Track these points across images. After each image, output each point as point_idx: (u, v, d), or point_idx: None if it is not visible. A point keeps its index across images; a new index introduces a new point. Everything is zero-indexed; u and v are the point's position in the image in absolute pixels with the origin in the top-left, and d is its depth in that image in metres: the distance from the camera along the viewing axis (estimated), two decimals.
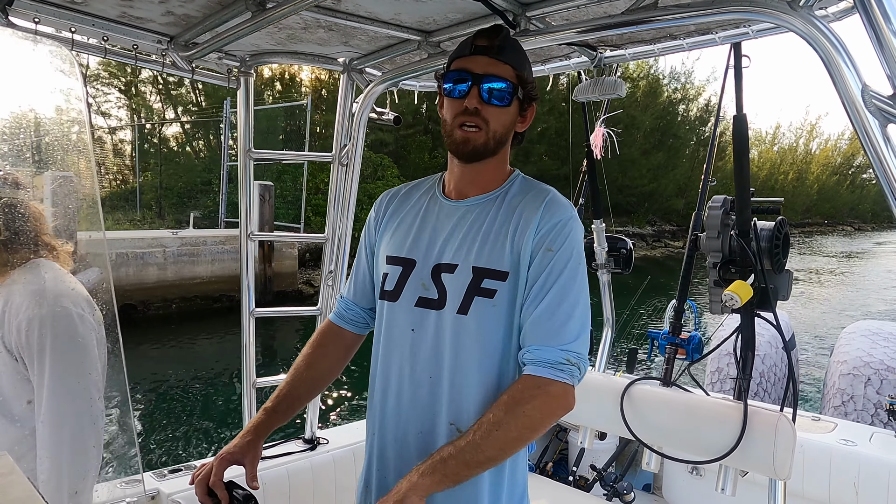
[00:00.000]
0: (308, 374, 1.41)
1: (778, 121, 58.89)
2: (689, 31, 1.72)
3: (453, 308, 1.22)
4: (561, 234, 1.20)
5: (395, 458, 1.27)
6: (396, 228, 1.36)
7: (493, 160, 1.28)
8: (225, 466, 1.25)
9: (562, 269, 1.19)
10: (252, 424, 1.33)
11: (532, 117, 1.31)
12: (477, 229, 1.25)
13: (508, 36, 1.27)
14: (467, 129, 1.22)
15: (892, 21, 1.01)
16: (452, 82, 1.24)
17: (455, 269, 1.23)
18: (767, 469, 1.80)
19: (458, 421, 1.21)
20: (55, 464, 1.31)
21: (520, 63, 1.26)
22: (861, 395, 3.59)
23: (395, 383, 1.28)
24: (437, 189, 1.36)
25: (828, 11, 1.35)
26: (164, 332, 10.60)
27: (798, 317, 14.27)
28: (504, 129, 1.26)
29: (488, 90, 1.21)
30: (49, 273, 1.39)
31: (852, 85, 1.08)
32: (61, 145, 1.40)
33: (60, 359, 1.32)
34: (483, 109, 1.22)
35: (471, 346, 1.20)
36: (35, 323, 1.31)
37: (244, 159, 2.21)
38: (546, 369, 1.15)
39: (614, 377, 2.43)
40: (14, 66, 1.47)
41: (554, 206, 1.23)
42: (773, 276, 1.98)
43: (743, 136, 1.97)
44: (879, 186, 1.07)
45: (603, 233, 2.94)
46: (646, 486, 3.15)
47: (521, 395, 1.13)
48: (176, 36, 1.86)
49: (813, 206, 51.19)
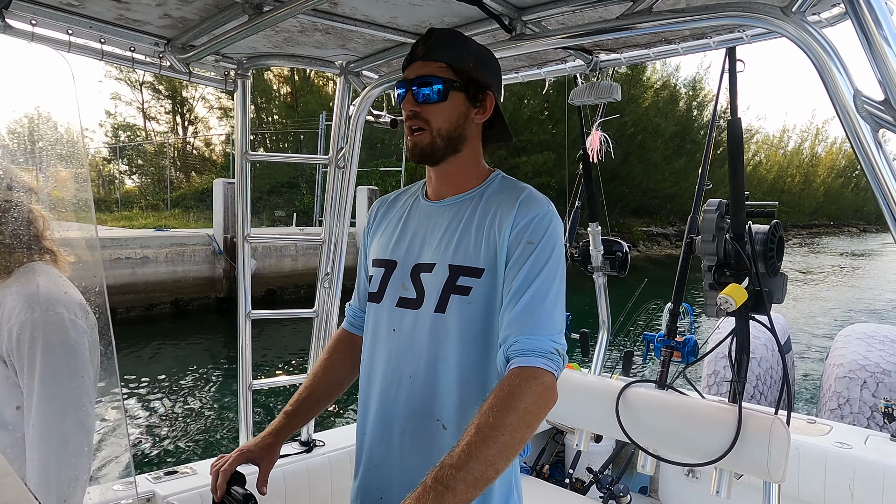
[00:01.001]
0: (325, 378, 1.46)
1: (784, 124, 60.04)
2: (684, 35, 1.73)
3: (431, 307, 1.23)
4: (540, 227, 1.19)
5: (382, 459, 1.28)
6: (383, 233, 1.39)
7: (458, 158, 1.29)
8: (241, 461, 1.28)
9: (545, 260, 1.18)
10: (273, 428, 1.36)
11: (492, 106, 1.30)
12: (454, 228, 1.26)
13: (439, 36, 1.28)
14: (414, 133, 1.26)
15: (884, 27, 1.02)
16: (398, 91, 1.29)
17: (433, 268, 1.24)
18: (762, 472, 1.80)
19: (444, 418, 1.21)
20: (44, 468, 1.30)
21: (454, 56, 1.26)
22: (857, 398, 3.60)
23: (379, 384, 1.29)
24: (420, 192, 1.39)
25: (821, 17, 1.36)
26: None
27: (800, 315, 14.40)
28: (450, 123, 1.26)
29: (420, 91, 1.25)
30: (43, 277, 1.38)
31: (844, 90, 1.09)
32: (56, 150, 1.40)
33: (51, 364, 1.31)
34: (421, 110, 1.25)
35: (449, 344, 1.21)
36: (26, 328, 1.30)
37: (241, 161, 2.21)
38: (538, 359, 1.10)
39: (610, 380, 2.44)
40: (8, 71, 1.48)
41: (530, 201, 1.23)
42: (767, 279, 1.99)
43: (737, 139, 1.98)
44: (871, 189, 1.08)
45: (599, 235, 2.94)
46: (642, 489, 3.15)
47: (519, 390, 1.06)
48: (173, 38, 1.87)
49: (819, 207, 52.70)
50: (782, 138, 51.72)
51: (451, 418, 1.20)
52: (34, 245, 1.41)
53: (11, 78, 1.41)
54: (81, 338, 1.36)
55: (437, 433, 1.22)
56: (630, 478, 3.12)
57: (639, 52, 1.89)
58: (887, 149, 1.10)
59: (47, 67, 1.41)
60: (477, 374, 1.21)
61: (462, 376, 1.21)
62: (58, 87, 1.26)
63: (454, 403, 1.21)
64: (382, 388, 1.28)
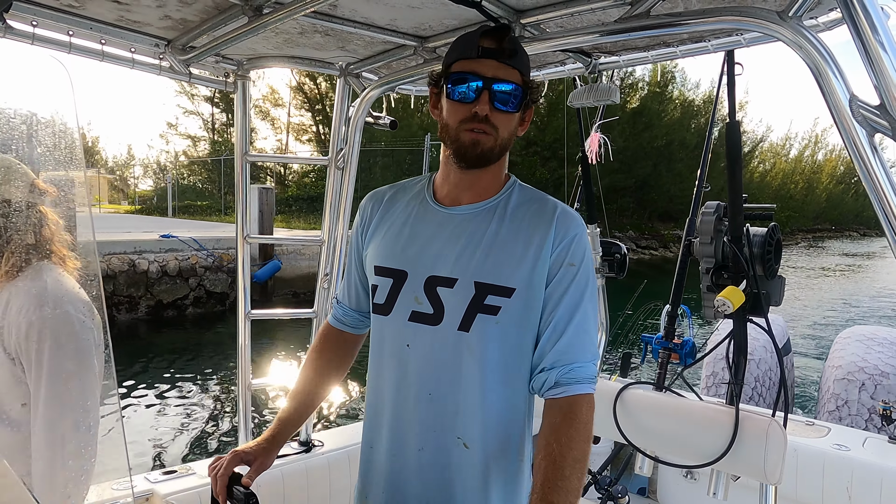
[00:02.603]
0: (316, 379, 1.43)
1: (787, 132, 62.09)
2: (682, 38, 1.74)
3: (453, 324, 1.17)
4: (579, 248, 1.19)
5: (390, 474, 1.26)
6: (385, 235, 1.30)
7: (494, 166, 1.24)
8: (236, 463, 1.27)
9: (586, 283, 1.18)
10: (270, 433, 1.34)
11: (530, 120, 1.27)
12: (477, 241, 1.20)
13: (515, 38, 1.22)
14: (476, 132, 1.17)
15: (879, 32, 1.02)
16: (456, 84, 1.18)
17: (454, 284, 1.18)
18: (758, 473, 1.81)
19: (465, 436, 1.19)
20: (48, 467, 1.31)
21: (526, 67, 1.22)
22: (855, 400, 3.60)
23: (390, 399, 1.25)
24: (427, 194, 1.30)
25: (818, 21, 1.37)
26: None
27: (802, 316, 14.52)
28: (510, 135, 1.22)
29: (500, 97, 1.16)
30: (52, 276, 1.39)
31: (840, 94, 1.09)
32: (54, 156, 1.41)
33: (58, 363, 1.32)
34: (492, 116, 1.17)
35: (474, 363, 1.17)
36: (34, 326, 1.31)
37: (241, 162, 2.22)
38: (590, 385, 1.17)
39: (608, 381, 2.44)
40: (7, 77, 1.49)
41: (567, 219, 1.21)
42: (765, 281, 1.99)
43: (735, 142, 1.98)
44: (865, 193, 1.08)
45: (598, 237, 2.95)
46: (641, 490, 3.16)
47: (587, 418, 1.14)
48: (173, 40, 1.87)
49: (822, 212, 55.35)
50: (784, 146, 53.15)
51: (474, 437, 1.18)
52: (44, 246, 1.42)
53: (10, 81, 1.42)
54: (88, 338, 1.37)
55: (456, 450, 1.19)
56: (629, 479, 3.12)
57: (637, 55, 1.89)
58: (884, 154, 1.11)
59: (46, 71, 1.41)
60: (503, 395, 1.19)
61: (487, 396, 1.18)
62: (57, 91, 1.27)
63: (479, 422, 1.18)
64: (395, 404, 1.24)
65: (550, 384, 1.16)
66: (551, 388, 1.16)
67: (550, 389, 1.16)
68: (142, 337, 11.22)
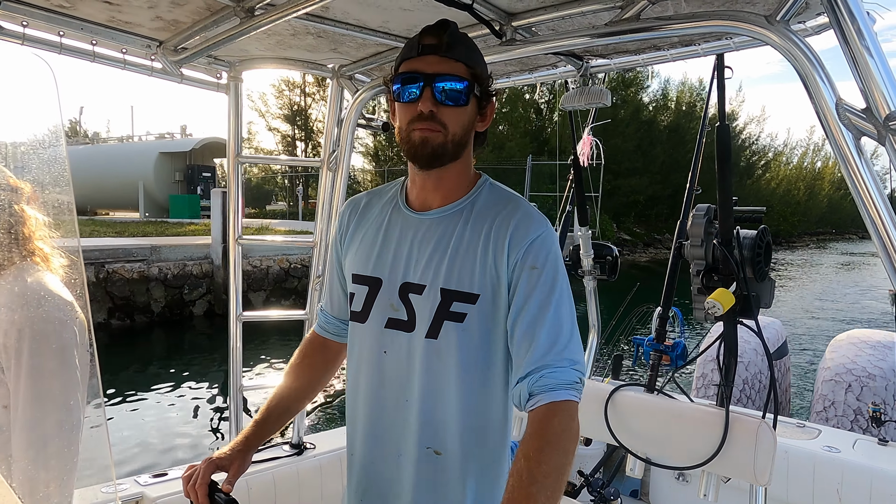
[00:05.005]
0: (296, 384, 1.40)
1: (786, 139, 65.02)
2: (673, 42, 1.75)
3: (423, 331, 1.17)
4: (543, 250, 1.15)
5: (371, 480, 1.26)
6: (360, 243, 1.29)
7: (454, 165, 1.20)
8: (212, 470, 1.24)
9: (552, 284, 1.13)
10: (243, 436, 1.32)
11: (492, 115, 1.24)
12: (444, 247, 1.18)
13: (457, 31, 1.18)
14: (423, 130, 1.14)
15: (865, 37, 1.04)
16: (402, 84, 1.16)
17: (423, 291, 1.17)
18: (748, 475, 1.82)
19: (436, 444, 1.18)
20: (30, 468, 1.29)
21: (472, 59, 1.18)
22: (842, 402, 3.62)
23: (367, 406, 1.25)
24: (399, 199, 1.29)
25: (805, 26, 1.38)
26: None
27: (801, 318, 14.65)
28: (463, 130, 1.18)
29: (442, 90, 1.13)
30: (33, 277, 1.38)
31: (827, 98, 1.10)
32: (38, 155, 1.40)
33: (38, 361, 1.30)
34: (438, 112, 1.14)
35: (443, 371, 1.16)
36: (14, 325, 1.30)
37: (233, 164, 2.21)
38: (567, 391, 1.09)
39: (600, 383, 2.45)
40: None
41: (528, 221, 1.16)
42: (755, 284, 2.01)
43: (726, 145, 2.00)
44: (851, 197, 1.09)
45: (589, 240, 2.96)
46: (633, 492, 3.16)
47: (560, 428, 1.05)
48: (165, 41, 1.87)
49: (823, 216, 58.62)
50: (783, 153, 55.18)
51: (450, 444, 1.17)
52: (24, 245, 1.40)
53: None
54: (71, 338, 1.36)
55: (433, 457, 1.19)
56: (621, 481, 3.12)
57: (629, 58, 1.91)
58: (874, 161, 1.12)
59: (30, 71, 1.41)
60: (477, 401, 1.18)
61: (462, 402, 1.17)
62: (41, 91, 1.26)
63: (454, 429, 1.17)
64: (372, 411, 1.24)
65: (525, 396, 1.11)
66: (528, 401, 1.11)
67: (527, 402, 1.11)
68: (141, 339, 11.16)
